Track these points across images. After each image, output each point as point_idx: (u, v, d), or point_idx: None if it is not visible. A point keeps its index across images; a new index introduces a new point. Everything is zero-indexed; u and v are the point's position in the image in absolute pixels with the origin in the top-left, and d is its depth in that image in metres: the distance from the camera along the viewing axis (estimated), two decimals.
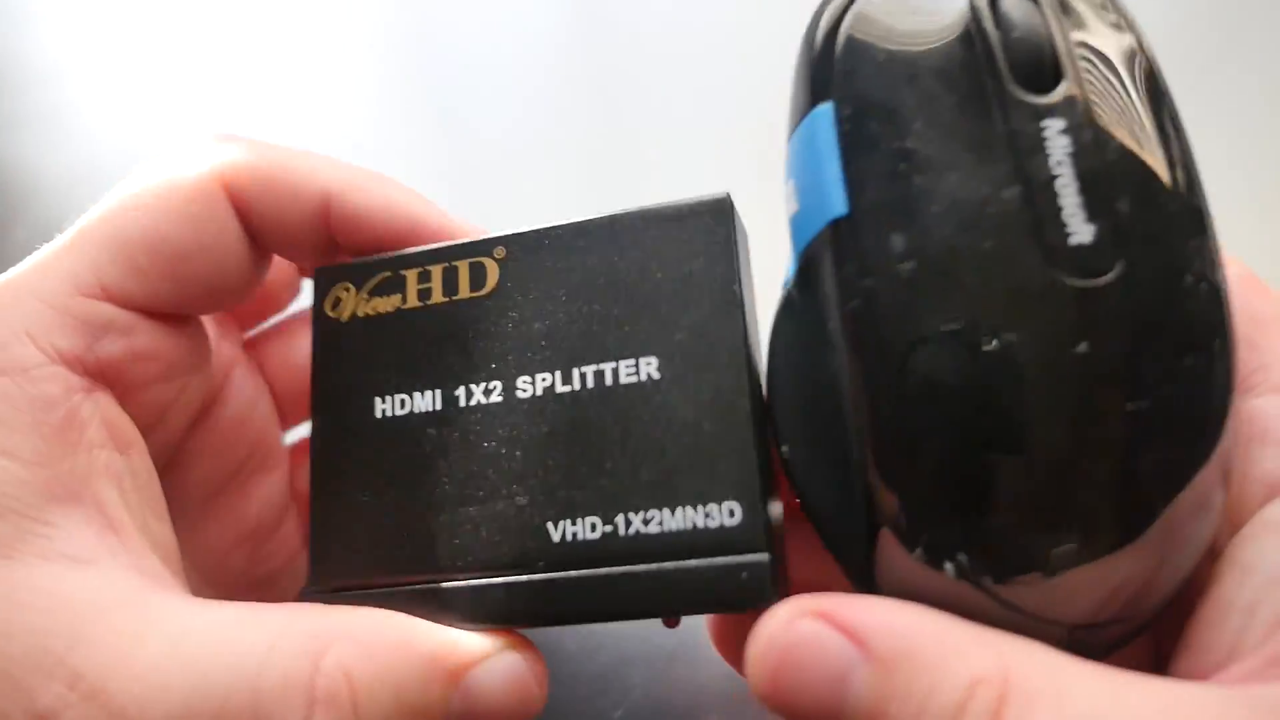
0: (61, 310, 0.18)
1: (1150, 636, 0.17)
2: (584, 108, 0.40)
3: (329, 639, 0.16)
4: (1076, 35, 0.16)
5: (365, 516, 0.19)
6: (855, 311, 0.15)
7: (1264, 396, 0.17)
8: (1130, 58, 0.17)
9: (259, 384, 0.24)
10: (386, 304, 0.20)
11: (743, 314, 0.18)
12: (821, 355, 0.16)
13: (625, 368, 0.18)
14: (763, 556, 0.17)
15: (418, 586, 0.19)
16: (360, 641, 0.16)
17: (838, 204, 0.15)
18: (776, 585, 0.17)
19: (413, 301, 0.20)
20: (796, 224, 0.17)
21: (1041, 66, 0.15)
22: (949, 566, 0.15)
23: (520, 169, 0.39)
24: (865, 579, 0.16)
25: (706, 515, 0.17)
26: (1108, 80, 0.16)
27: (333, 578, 0.19)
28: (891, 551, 0.15)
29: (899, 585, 0.16)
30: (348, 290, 0.21)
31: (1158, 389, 0.15)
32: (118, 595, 0.16)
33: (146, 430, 0.19)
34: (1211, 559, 0.16)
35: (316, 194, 0.20)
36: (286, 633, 0.16)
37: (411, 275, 0.20)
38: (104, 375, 0.18)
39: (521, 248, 0.20)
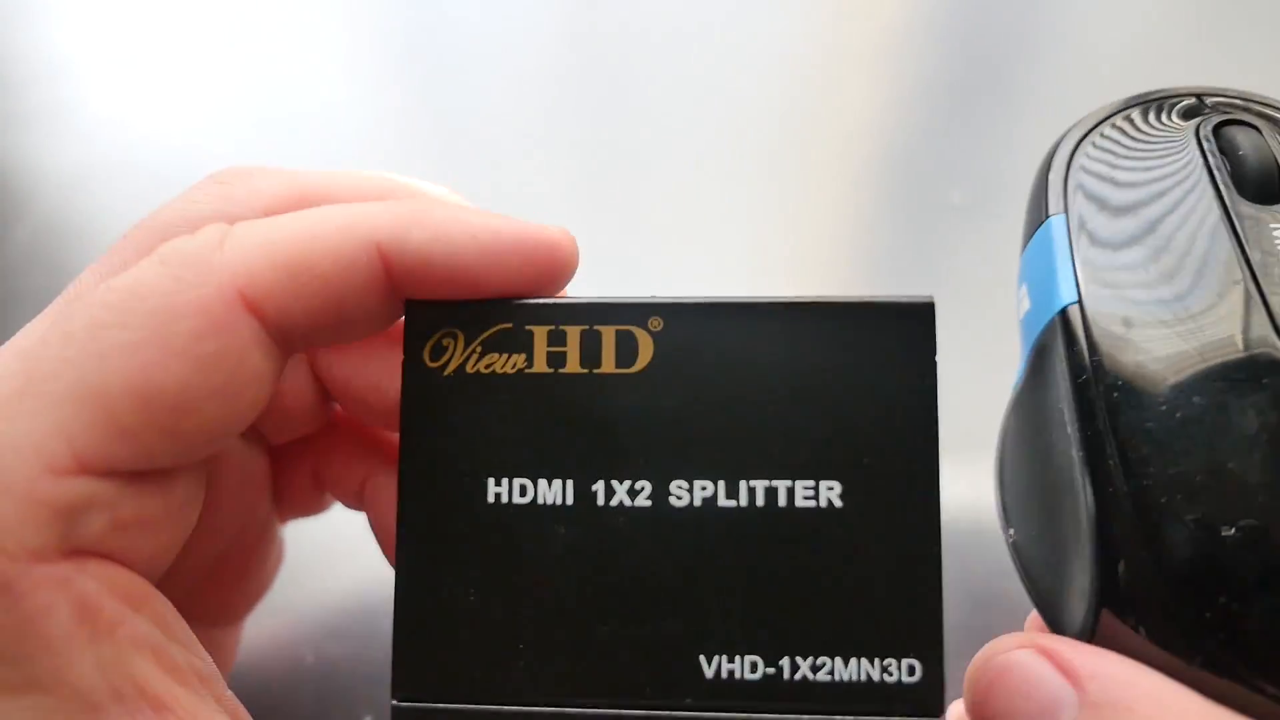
0: (25, 498, 0.14)
1: None
2: (583, 105, 0.39)
3: None
4: None
5: (469, 621, 0.16)
6: (1082, 386, 0.15)
7: None
8: None
9: None
10: (506, 363, 0.17)
11: (937, 443, 0.16)
12: (1050, 438, 0.16)
13: (803, 490, 0.16)
14: None
15: (536, 710, 0.16)
16: None
17: (1068, 293, 0.16)
18: None
19: (540, 366, 0.17)
20: (1027, 322, 0.17)
21: (1268, 181, 0.16)
22: (1188, 654, 0.14)
23: (516, 167, 0.37)
24: None
25: (884, 670, 0.16)
26: None
27: (422, 691, 0.16)
28: (1114, 629, 0.15)
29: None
30: (454, 337, 0.17)
31: None
32: None
33: (146, 571, 0.16)
34: None
35: (366, 253, 0.16)
36: None
37: (540, 333, 0.17)
38: (88, 550, 0.15)
39: (679, 320, 0.17)
